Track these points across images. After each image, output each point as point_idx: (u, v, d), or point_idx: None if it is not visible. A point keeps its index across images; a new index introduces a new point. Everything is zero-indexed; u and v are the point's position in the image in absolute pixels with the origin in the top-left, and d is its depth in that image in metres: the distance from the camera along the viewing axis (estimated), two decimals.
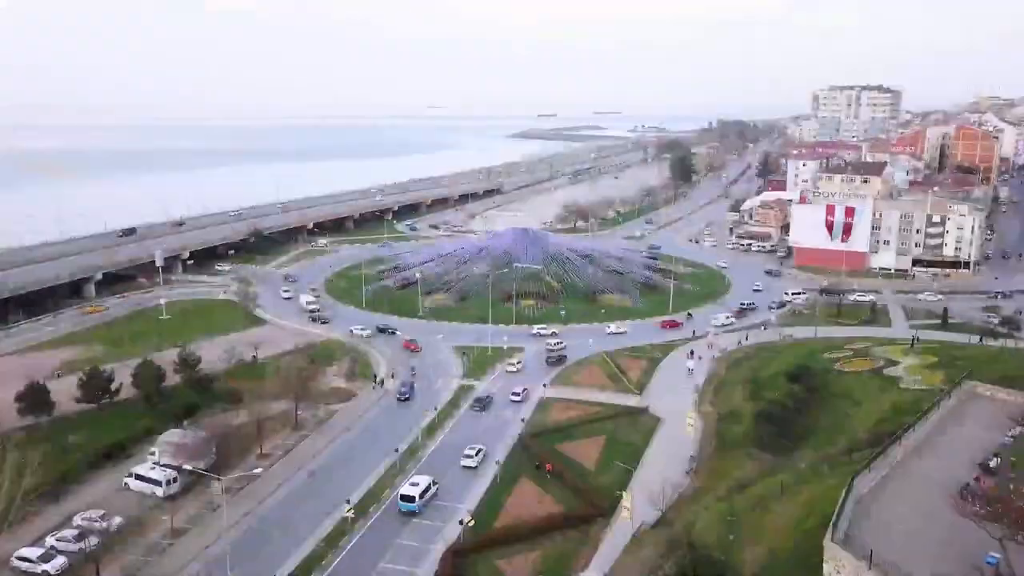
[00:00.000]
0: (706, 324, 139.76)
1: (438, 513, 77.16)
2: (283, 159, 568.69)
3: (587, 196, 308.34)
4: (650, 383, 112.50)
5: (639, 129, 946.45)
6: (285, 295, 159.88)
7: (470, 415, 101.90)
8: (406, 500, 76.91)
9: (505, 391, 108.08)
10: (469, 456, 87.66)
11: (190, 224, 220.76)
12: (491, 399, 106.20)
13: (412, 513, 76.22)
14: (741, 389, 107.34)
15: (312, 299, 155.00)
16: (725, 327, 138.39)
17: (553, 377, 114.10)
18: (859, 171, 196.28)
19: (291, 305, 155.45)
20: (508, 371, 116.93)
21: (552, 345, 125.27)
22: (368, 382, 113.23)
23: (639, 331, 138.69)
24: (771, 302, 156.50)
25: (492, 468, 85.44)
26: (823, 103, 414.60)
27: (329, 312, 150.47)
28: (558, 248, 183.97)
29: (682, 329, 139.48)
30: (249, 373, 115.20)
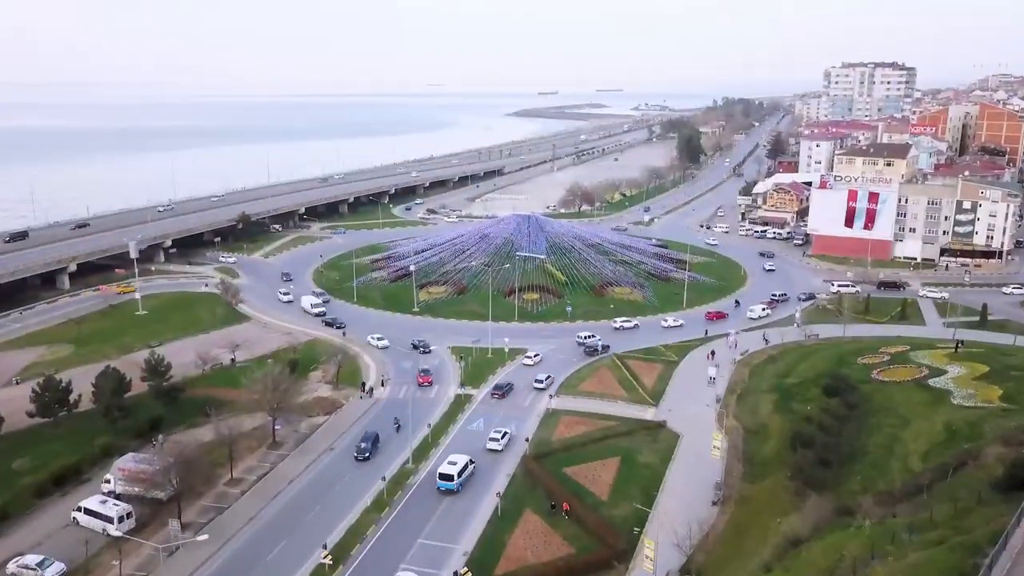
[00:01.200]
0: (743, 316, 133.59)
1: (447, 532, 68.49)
2: (277, 138, 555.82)
3: (591, 178, 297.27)
4: (666, 391, 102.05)
5: (642, 107, 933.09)
6: (285, 298, 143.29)
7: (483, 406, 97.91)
8: (445, 479, 76.44)
9: (506, 402, 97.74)
10: (495, 439, 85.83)
11: (173, 210, 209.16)
12: (511, 387, 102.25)
13: (451, 492, 76.08)
14: (767, 399, 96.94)
15: (317, 300, 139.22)
16: (761, 319, 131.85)
17: (560, 385, 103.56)
18: (881, 153, 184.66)
19: (286, 304, 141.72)
20: (525, 364, 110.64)
21: (584, 338, 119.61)
22: (357, 390, 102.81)
23: (651, 329, 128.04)
24: (800, 293, 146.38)
25: (492, 495, 75.22)
26: (835, 81, 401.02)
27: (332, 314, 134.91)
28: (562, 235, 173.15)
29: (728, 321, 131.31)
30: (226, 379, 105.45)
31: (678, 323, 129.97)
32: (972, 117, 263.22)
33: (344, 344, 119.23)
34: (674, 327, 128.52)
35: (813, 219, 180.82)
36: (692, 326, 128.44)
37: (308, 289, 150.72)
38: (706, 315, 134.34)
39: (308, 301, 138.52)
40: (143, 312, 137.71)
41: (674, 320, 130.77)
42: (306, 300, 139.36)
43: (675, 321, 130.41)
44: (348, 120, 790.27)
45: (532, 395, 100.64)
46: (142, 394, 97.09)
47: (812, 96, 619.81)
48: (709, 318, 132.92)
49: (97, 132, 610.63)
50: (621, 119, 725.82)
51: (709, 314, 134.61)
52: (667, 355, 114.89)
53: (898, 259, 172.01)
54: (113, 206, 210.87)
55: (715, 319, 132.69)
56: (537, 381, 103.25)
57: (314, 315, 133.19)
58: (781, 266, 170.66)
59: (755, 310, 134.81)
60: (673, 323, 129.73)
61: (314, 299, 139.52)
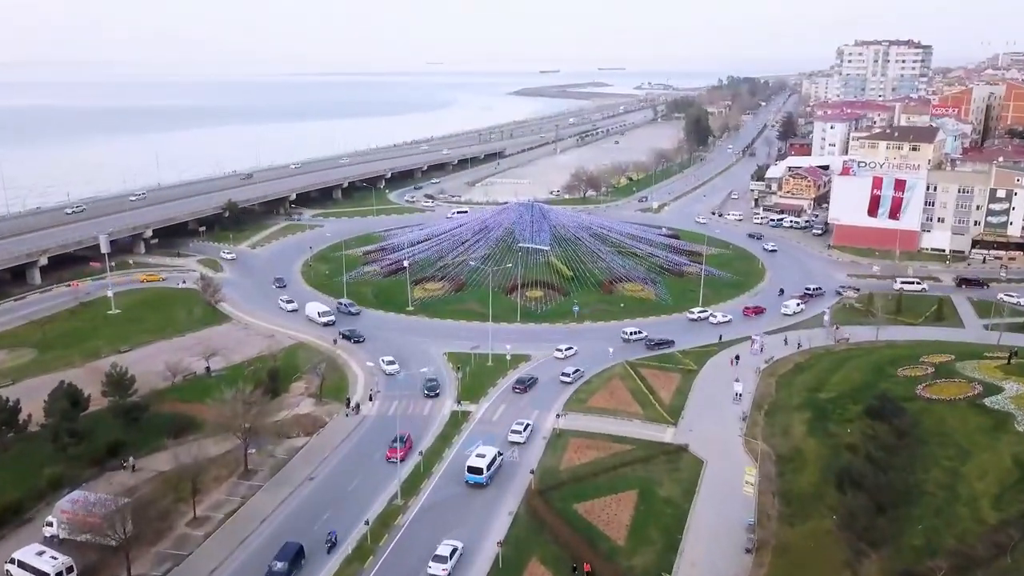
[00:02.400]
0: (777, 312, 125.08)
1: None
2: (271, 119, 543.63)
3: (596, 160, 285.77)
4: (685, 406, 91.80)
5: (645, 86, 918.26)
6: (288, 307, 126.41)
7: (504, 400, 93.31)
8: (474, 472, 73.71)
9: (508, 419, 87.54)
10: (516, 432, 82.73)
11: (156, 197, 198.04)
12: (535, 381, 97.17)
13: (480, 485, 73.19)
14: (799, 418, 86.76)
15: (325, 308, 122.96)
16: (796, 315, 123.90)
17: (567, 401, 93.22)
18: (907, 137, 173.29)
19: (278, 306, 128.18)
20: (557, 357, 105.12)
21: (629, 334, 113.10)
22: (342, 405, 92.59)
23: (667, 330, 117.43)
24: (840, 287, 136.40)
25: (492, 543, 65.17)
26: (848, 59, 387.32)
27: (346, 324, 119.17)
28: (567, 225, 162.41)
29: (766, 315, 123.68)
30: (199, 391, 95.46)
31: (727, 319, 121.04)
32: (997, 98, 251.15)
33: (331, 350, 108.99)
34: (723, 323, 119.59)
35: (834, 207, 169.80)
36: (671, 334, 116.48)
37: (303, 291, 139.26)
38: (743, 310, 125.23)
39: (315, 309, 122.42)
40: (116, 311, 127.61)
41: (723, 315, 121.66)
42: (312, 308, 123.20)
43: (724, 316, 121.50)
44: (344, 100, 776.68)
45: (557, 390, 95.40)
46: (102, 411, 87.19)
47: (821, 75, 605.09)
48: (747, 313, 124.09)
49: (84, 112, 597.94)
50: (624, 98, 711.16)
51: (747, 309, 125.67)
52: (684, 362, 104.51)
53: (925, 251, 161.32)
54: (94, 192, 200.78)
55: (753, 314, 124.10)
56: (564, 375, 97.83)
57: (322, 324, 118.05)
58: (801, 259, 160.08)
59: (789, 305, 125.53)
60: (723, 319, 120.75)
61: (321, 306, 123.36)
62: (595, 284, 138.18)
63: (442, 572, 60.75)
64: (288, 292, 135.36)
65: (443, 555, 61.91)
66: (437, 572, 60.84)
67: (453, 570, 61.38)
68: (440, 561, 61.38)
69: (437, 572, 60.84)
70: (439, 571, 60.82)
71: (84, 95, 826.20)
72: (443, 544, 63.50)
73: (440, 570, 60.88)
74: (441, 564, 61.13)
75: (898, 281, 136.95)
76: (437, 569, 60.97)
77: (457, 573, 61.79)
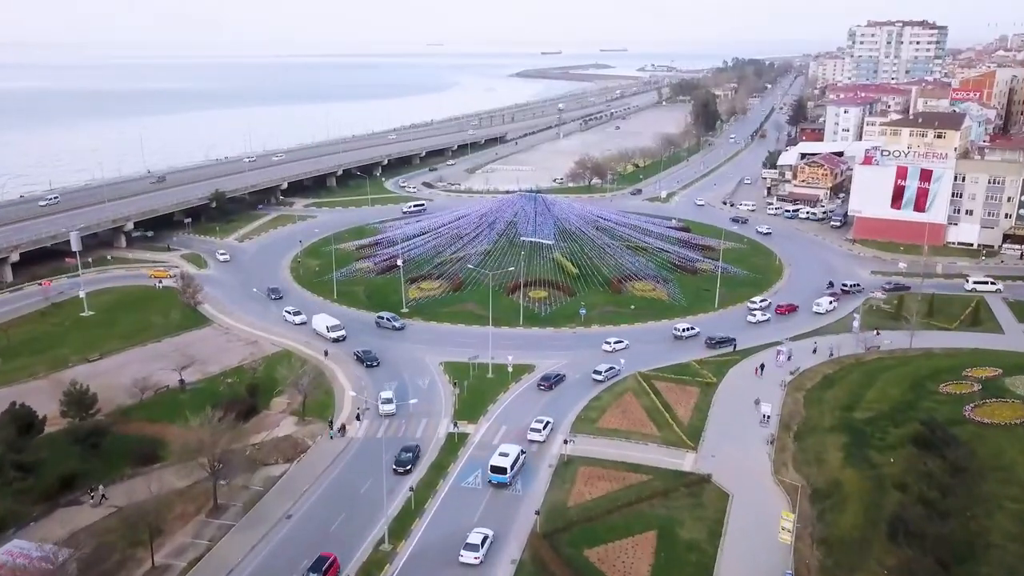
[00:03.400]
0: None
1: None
2: (266, 101, 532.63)
3: (600, 145, 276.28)
4: (706, 426, 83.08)
5: (648, 68, 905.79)
6: (296, 320, 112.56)
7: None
8: (497, 472, 70.78)
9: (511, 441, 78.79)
10: (536, 430, 79.32)
11: (138, 187, 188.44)
12: (562, 378, 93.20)
13: (503, 485, 70.27)
14: (834, 442, 78.06)
15: (335, 322, 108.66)
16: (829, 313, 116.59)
17: (575, 421, 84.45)
18: (931, 124, 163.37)
19: (275, 314, 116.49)
20: (605, 350, 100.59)
21: (681, 330, 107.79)
22: (326, 425, 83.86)
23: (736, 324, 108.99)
24: (886, 283, 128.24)
25: None
26: (859, 40, 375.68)
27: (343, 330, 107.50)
28: (572, 217, 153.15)
29: (799, 314, 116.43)
30: (170, 408, 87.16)
31: (765, 317, 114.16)
32: (1020, 81, 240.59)
33: (318, 360, 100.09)
34: (762, 321, 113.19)
35: (855, 199, 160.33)
36: (734, 331, 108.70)
37: (291, 291, 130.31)
38: (776, 308, 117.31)
39: (323, 322, 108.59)
40: (88, 313, 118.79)
41: (762, 314, 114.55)
42: (320, 321, 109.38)
43: (763, 315, 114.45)
44: (343, 82, 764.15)
45: (584, 391, 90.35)
46: (59, 434, 78.58)
47: (828, 56, 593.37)
48: (780, 312, 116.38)
49: (75, 96, 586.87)
50: (627, 80, 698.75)
51: (779, 307, 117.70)
52: (702, 373, 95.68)
53: (951, 245, 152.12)
54: (82, 179, 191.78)
55: (786, 312, 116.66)
56: (596, 372, 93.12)
57: (331, 340, 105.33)
58: (820, 253, 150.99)
59: (821, 303, 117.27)
60: (761, 317, 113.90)
61: (330, 320, 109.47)
62: (602, 283, 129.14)
63: (474, 560, 59.88)
64: (284, 299, 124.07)
65: (474, 543, 60.89)
66: (469, 560, 59.91)
67: (486, 557, 60.44)
68: (472, 549, 60.49)
69: (469, 560, 59.91)
70: (471, 559, 59.93)
71: (77, 77, 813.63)
72: (474, 532, 62.34)
73: (472, 559, 59.99)
74: (473, 552, 60.31)
75: (970, 281, 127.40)
76: (469, 558, 60.08)
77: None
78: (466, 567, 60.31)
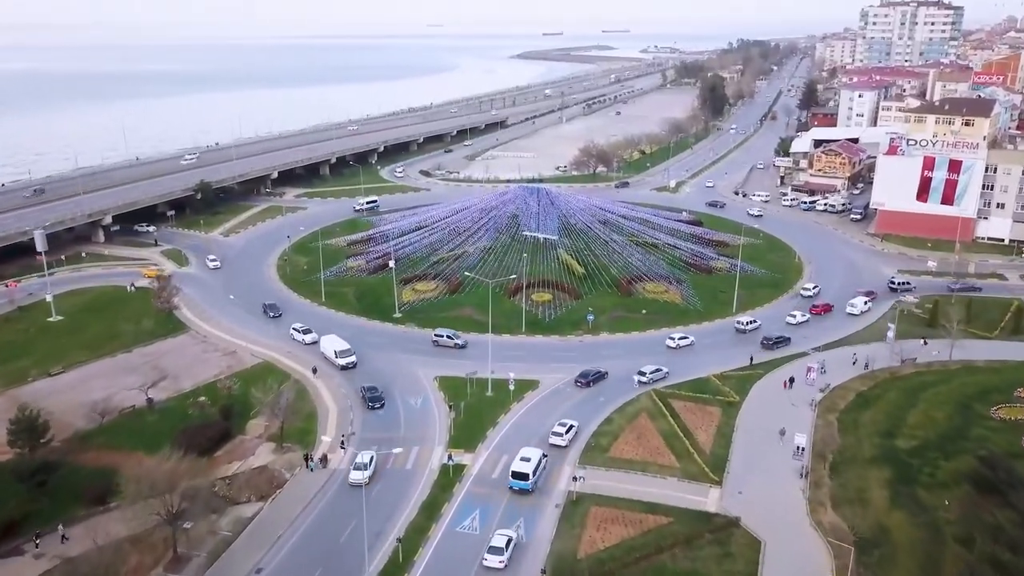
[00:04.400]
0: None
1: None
2: (262, 84, 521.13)
3: (604, 131, 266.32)
4: (731, 455, 74.41)
5: (651, 49, 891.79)
6: (306, 339, 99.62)
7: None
8: (519, 478, 67.34)
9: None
10: (558, 434, 75.20)
11: (119, 178, 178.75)
12: (602, 376, 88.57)
13: (526, 492, 66.92)
14: (876, 478, 69.43)
15: (345, 346, 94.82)
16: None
17: (585, 449, 75.69)
18: (959, 110, 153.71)
19: (278, 328, 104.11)
20: (669, 346, 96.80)
21: (744, 324, 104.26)
22: (308, 454, 75.09)
23: (703, 344, 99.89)
24: (951, 285, 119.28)
25: None
26: (872, 21, 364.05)
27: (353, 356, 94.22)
28: (577, 211, 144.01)
29: (833, 314, 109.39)
30: (135, 432, 78.67)
31: (805, 318, 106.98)
32: None
33: (303, 376, 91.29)
34: (802, 322, 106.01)
35: (878, 191, 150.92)
36: (708, 350, 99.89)
37: (276, 292, 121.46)
38: (810, 308, 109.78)
39: (331, 345, 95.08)
40: (56, 318, 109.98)
41: (802, 315, 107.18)
42: (328, 344, 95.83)
43: (802, 316, 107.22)
44: (342, 64, 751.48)
45: (622, 394, 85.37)
46: (2, 467, 69.89)
47: (835, 38, 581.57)
48: (815, 312, 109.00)
49: (69, 78, 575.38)
50: (630, 62, 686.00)
51: (814, 307, 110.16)
52: (723, 391, 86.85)
53: (981, 240, 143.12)
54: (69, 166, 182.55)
55: (822, 312, 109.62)
56: (640, 373, 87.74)
57: (339, 367, 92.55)
58: (841, 249, 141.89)
59: (856, 304, 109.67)
60: (801, 318, 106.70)
61: (339, 343, 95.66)
62: (610, 284, 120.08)
63: (499, 564, 57.94)
64: (284, 316, 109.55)
65: (498, 546, 58.87)
66: (494, 564, 58.04)
67: (510, 561, 58.37)
68: (496, 553, 58.45)
69: (494, 564, 58.04)
70: (495, 563, 58.02)
71: (72, 59, 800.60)
72: (497, 535, 60.42)
73: (497, 562, 58.03)
74: (497, 556, 58.30)
75: None
76: (494, 561, 58.20)
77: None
78: (490, 571, 58.00)
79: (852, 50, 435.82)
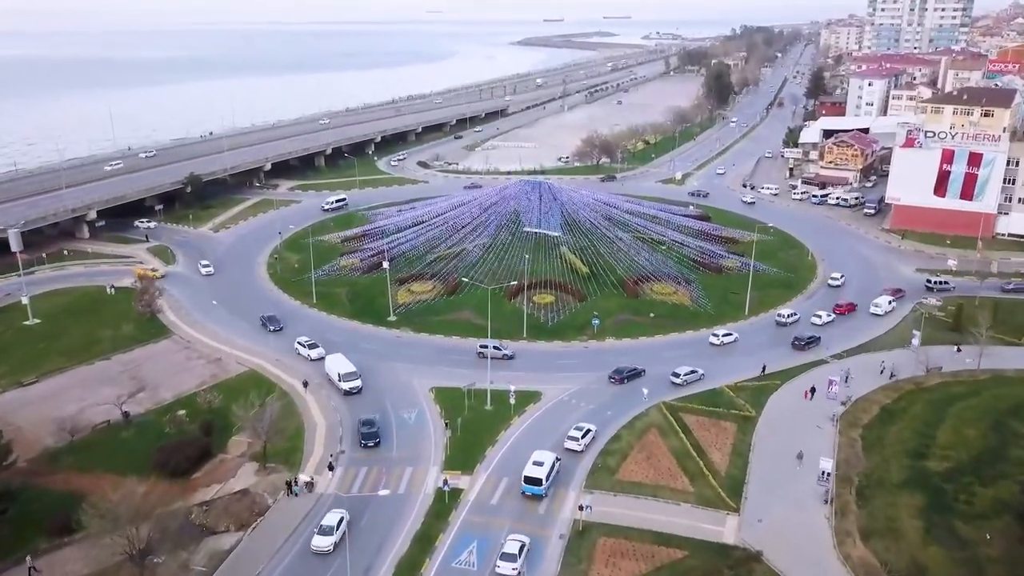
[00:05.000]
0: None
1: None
2: (257, 72, 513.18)
3: (607, 119, 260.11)
4: (748, 477, 69.04)
5: (653, 36, 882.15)
6: (313, 355, 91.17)
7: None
8: (532, 483, 65.07)
9: (514, 501, 64.83)
10: (574, 439, 72.14)
11: (106, 171, 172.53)
12: (639, 373, 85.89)
13: (538, 497, 64.66)
14: (908, 505, 64.09)
15: (350, 368, 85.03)
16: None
17: (592, 471, 70.29)
18: (978, 100, 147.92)
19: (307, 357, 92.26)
20: (712, 343, 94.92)
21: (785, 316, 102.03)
22: (293, 478, 69.72)
23: (717, 351, 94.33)
24: (1005, 286, 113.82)
25: None
26: (880, 7, 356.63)
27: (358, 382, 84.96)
28: (580, 207, 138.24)
29: (858, 315, 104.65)
30: (108, 451, 73.32)
31: (830, 318, 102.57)
32: None
33: (292, 387, 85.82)
34: (827, 322, 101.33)
35: (894, 184, 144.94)
36: (773, 345, 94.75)
37: (265, 292, 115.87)
38: (834, 308, 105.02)
39: (336, 366, 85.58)
40: (33, 321, 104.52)
41: (827, 314, 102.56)
42: (333, 364, 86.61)
43: (827, 316, 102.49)
44: (340, 50, 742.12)
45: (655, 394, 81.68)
46: None
47: (840, 24, 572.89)
48: (839, 312, 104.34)
49: (57, 64, 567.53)
50: (632, 49, 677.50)
51: (837, 307, 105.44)
52: (737, 404, 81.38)
53: (1001, 236, 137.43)
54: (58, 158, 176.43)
55: (846, 312, 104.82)
56: (674, 375, 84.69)
57: (343, 392, 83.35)
58: (855, 246, 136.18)
59: (880, 304, 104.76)
60: (827, 318, 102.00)
61: (344, 364, 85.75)
62: (616, 284, 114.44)
63: (512, 572, 56.15)
64: (275, 317, 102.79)
65: (512, 552, 56.98)
66: (507, 572, 56.21)
67: (523, 568, 56.39)
68: (509, 560, 56.48)
69: (507, 572, 56.21)
70: (508, 570, 56.22)
71: (69, 44, 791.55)
72: (510, 540, 58.40)
73: (510, 569, 56.20)
74: (511, 563, 56.40)
75: None
76: (507, 568, 56.28)
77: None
78: None
79: (858, 37, 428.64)
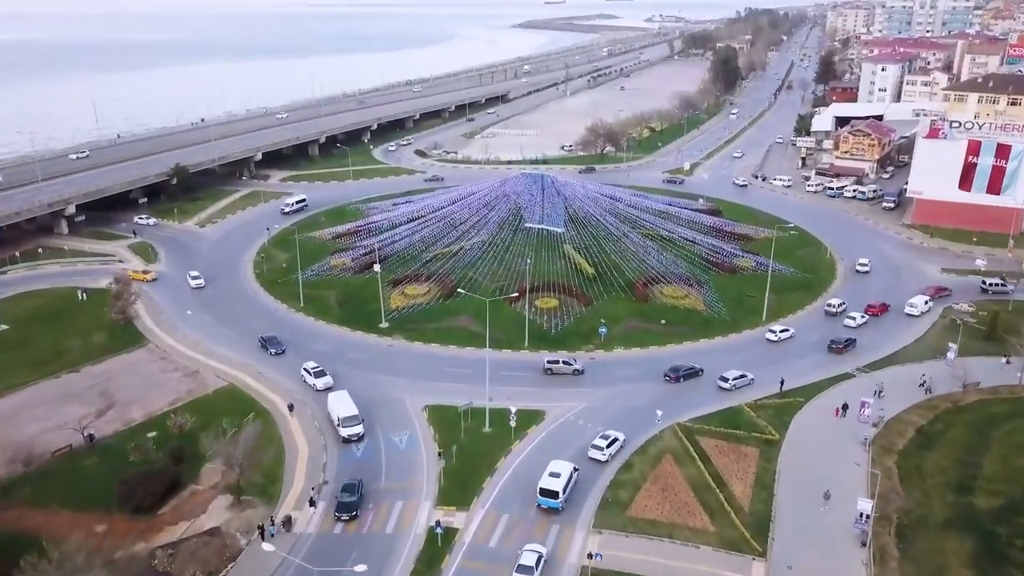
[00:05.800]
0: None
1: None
2: (251, 56, 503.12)
3: (610, 105, 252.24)
4: (775, 514, 62.16)
5: (656, 19, 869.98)
6: (319, 382, 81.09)
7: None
8: (548, 495, 61.57)
9: (518, 542, 58.10)
10: (598, 448, 68.52)
11: (86, 163, 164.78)
12: (697, 373, 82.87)
13: (554, 510, 61.07)
14: (956, 551, 57.52)
15: (351, 412, 73.39)
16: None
17: (602, 505, 63.43)
18: (1004, 88, 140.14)
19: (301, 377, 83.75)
20: (769, 339, 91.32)
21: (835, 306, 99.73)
22: (269, 509, 62.89)
23: (732, 361, 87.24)
24: (1003, 282, 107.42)
25: None
26: None
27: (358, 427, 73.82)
28: (585, 201, 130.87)
29: (890, 316, 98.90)
30: (69, 481, 66.43)
31: (864, 320, 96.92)
32: None
33: (274, 406, 78.86)
34: (861, 324, 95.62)
35: (916, 177, 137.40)
36: (794, 356, 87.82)
37: (252, 294, 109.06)
38: (866, 309, 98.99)
39: (338, 407, 74.28)
40: (2, 327, 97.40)
41: (861, 317, 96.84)
42: (335, 403, 75.30)
43: (862, 318, 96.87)
44: (339, 34, 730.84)
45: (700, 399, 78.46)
46: None
47: (847, 6, 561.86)
48: (871, 313, 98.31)
49: (40, 47, 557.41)
50: (634, 32, 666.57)
51: (870, 307, 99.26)
52: (758, 425, 74.41)
53: None
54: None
55: (879, 313, 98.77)
56: (722, 380, 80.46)
57: (344, 438, 71.94)
58: (874, 242, 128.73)
59: (916, 304, 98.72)
60: (861, 320, 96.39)
61: (348, 406, 74.25)
62: (624, 287, 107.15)
63: None
64: (276, 338, 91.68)
65: (528, 564, 54.45)
66: None
67: None
68: (526, 572, 53.99)
69: None
70: None
71: (64, 28, 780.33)
72: (526, 551, 55.85)
73: None
74: None
75: None
76: None
77: None
78: None
79: (867, 19, 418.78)
